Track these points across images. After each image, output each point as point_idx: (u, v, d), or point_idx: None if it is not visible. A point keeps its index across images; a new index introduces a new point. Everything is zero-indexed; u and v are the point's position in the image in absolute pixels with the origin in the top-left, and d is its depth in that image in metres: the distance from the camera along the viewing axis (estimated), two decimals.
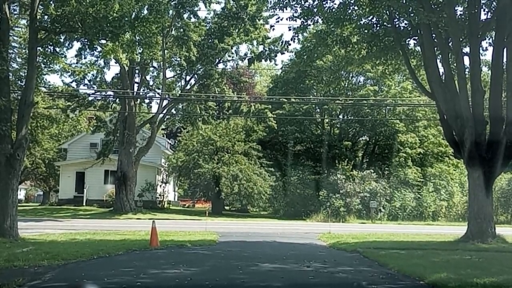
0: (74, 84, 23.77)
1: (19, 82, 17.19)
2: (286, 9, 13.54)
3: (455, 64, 12.84)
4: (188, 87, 27.04)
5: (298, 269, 7.75)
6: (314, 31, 18.08)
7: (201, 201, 33.66)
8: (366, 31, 13.76)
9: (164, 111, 26.87)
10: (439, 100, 13.12)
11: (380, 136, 30.14)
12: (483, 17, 12.99)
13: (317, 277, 7.00)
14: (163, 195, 31.39)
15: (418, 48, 14.23)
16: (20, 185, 20.39)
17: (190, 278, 6.61)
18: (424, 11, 11.35)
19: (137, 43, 14.49)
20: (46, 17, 12.59)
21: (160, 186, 31.26)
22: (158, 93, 26.60)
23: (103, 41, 13.91)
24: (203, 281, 6.40)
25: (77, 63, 21.14)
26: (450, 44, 13.03)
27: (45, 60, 14.29)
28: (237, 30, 24.79)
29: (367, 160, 31.49)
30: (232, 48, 25.52)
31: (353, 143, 31.76)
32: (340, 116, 31.98)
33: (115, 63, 23.21)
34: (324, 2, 13.01)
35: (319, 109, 31.61)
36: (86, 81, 24.29)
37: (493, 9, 12.90)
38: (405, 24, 13.60)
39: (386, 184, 26.22)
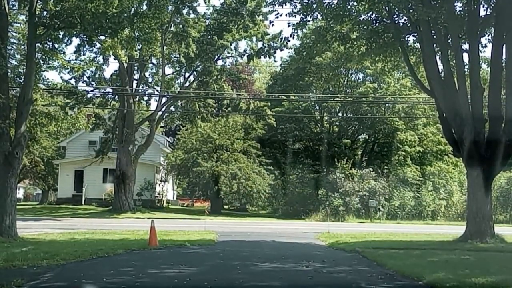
0: (73, 81, 23.77)
1: (17, 79, 17.12)
2: (285, 5, 13.52)
3: (454, 61, 12.81)
4: (187, 84, 26.97)
5: (297, 269, 7.75)
6: (313, 27, 18.00)
7: (200, 200, 33.67)
8: (365, 27, 13.71)
9: (163, 109, 26.82)
10: (438, 97, 13.09)
11: (379, 134, 30.11)
12: (482, 13, 12.96)
13: (316, 277, 7.00)
14: (162, 194, 31.35)
15: (417, 45, 14.17)
16: (18, 183, 20.36)
17: (189, 278, 6.60)
18: (423, 7, 11.30)
19: (136, 39, 14.43)
20: (45, 12, 12.52)
21: (159, 184, 31.21)
22: (157, 90, 26.54)
23: (102, 37, 13.88)
24: (202, 281, 6.40)
25: (76, 59, 21.13)
26: (449, 40, 12.99)
27: (44, 57, 14.24)
28: (236, 26, 24.69)
29: (366, 158, 31.47)
30: (231, 45, 25.47)
31: (352, 141, 31.73)
32: (340, 114, 31.94)
33: (114, 59, 23.24)
34: None
35: (318, 107, 31.55)
36: (85, 78, 24.28)
37: (493, 5, 12.85)
38: (404, 20, 13.55)
39: (385, 183, 26.18)
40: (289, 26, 13.65)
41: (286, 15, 13.73)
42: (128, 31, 13.28)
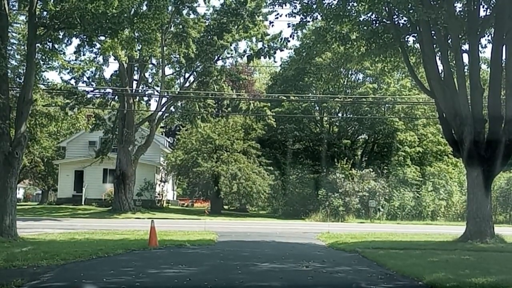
0: (73, 81, 23.76)
1: (17, 79, 17.14)
2: (285, 6, 13.55)
3: (454, 62, 12.82)
4: (187, 84, 26.98)
5: (297, 269, 7.76)
6: (313, 28, 18.02)
7: (200, 200, 33.65)
8: (365, 27, 13.72)
9: (163, 109, 26.82)
10: (438, 98, 13.10)
11: (379, 134, 30.11)
12: (482, 13, 12.98)
13: (316, 277, 7.00)
14: (162, 194, 31.34)
15: (417, 45, 14.18)
16: (18, 184, 20.36)
17: (189, 279, 6.61)
18: (423, 7, 11.31)
19: (136, 40, 14.45)
20: (45, 13, 12.54)
21: (159, 185, 31.20)
22: (157, 91, 26.53)
23: (102, 38, 13.89)
24: (202, 282, 6.40)
25: (76, 60, 21.15)
26: (449, 41, 13.01)
27: (43, 57, 14.24)
28: (236, 26, 24.71)
29: (366, 158, 31.46)
30: (231, 45, 25.48)
31: (352, 142, 31.74)
32: (339, 114, 31.94)
33: (114, 60, 23.26)
34: None
35: (318, 107, 31.56)
36: (85, 78, 24.28)
37: (492, 5, 12.86)
38: (404, 20, 13.56)
39: (385, 183, 26.17)
40: (289, 26, 13.72)
41: (286, 15, 13.73)
42: (128, 31, 13.29)
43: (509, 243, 11.82)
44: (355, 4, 13.02)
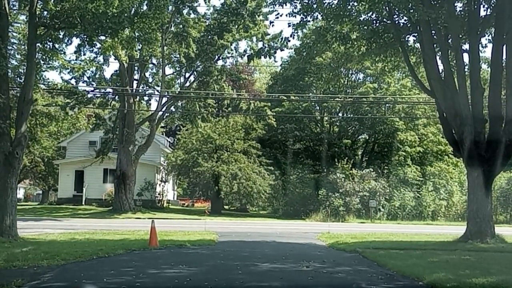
0: (73, 81, 23.75)
1: (18, 79, 17.15)
2: (286, 5, 13.55)
3: (454, 61, 12.82)
4: (187, 84, 26.99)
5: (297, 269, 7.76)
6: (314, 27, 18.01)
7: (200, 200, 33.70)
8: (365, 27, 13.73)
9: (163, 109, 26.83)
10: (439, 97, 13.10)
11: (379, 134, 30.11)
12: (482, 13, 12.97)
13: (316, 277, 7.00)
14: (162, 194, 31.36)
15: (417, 45, 14.18)
16: (19, 184, 20.38)
17: (190, 279, 6.61)
18: (424, 7, 11.31)
19: (136, 40, 14.44)
20: (45, 13, 12.54)
21: (159, 185, 31.22)
22: (157, 90, 26.55)
23: (102, 37, 13.89)
24: (202, 282, 6.40)
25: (76, 59, 21.13)
26: (449, 40, 13.00)
27: (44, 57, 14.23)
28: (236, 26, 24.72)
29: (367, 158, 31.46)
30: (231, 45, 25.49)
31: (353, 141, 31.74)
32: (340, 114, 31.95)
33: (114, 59, 23.25)
34: None
35: (319, 107, 31.57)
36: (85, 78, 24.28)
37: (493, 5, 12.85)
38: (405, 20, 13.56)
39: (386, 183, 26.17)
40: (289, 26, 13.70)
41: (286, 15, 13.76)
42: (128, 31, 13.28)
43: (510, 243, 11.81)
44: (355, 3, 13.03)
